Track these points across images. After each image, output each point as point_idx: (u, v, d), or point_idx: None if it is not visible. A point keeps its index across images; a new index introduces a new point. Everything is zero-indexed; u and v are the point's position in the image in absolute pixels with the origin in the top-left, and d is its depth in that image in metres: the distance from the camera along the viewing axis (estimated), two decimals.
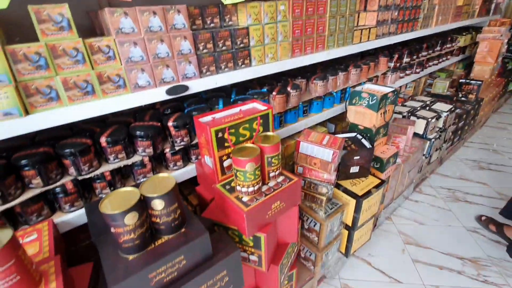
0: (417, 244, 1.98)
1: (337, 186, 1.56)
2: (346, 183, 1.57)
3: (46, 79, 0.86)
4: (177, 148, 1.22)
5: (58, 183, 0.99)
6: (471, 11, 3.25)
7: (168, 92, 1.10)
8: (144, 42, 1.00)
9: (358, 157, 1.51)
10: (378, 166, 1.71)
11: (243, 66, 1.34)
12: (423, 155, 2.39)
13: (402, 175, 2.09)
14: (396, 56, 2.36)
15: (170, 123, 1.17)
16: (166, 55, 1.07)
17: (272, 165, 1.08)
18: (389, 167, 1.76)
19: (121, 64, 0.99)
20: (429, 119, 2.27)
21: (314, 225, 1.45)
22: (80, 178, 1.02)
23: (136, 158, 1.14)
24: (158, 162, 1.28)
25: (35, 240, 0.88)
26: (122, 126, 1.13)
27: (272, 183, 1.10)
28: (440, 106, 2.53)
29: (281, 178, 1.13)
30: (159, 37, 1.03)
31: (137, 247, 0.79)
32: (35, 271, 0.72)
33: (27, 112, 0.85)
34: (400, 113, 2.41)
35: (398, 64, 2.46)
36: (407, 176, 2.21)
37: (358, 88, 1.73)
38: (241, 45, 1.29)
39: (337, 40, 1.74)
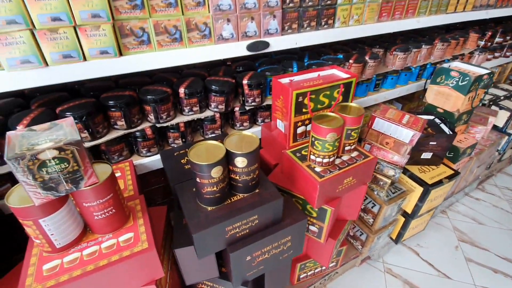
0: (473, 243, 1.85)
1: (403, 170, 1.45)
2: (413, 169, 1.45)
3: (140, 21, 0.84)
4: (247, 108, 1.19)
5: (139, 128, 1.02)
6: None
7: (249, 47, 1.04)
8: None
9: (434, 143, 1.37)
10: (451, 155, 1.55)
11: (325, 26, 1.22)
12: (497, 150, 2.14)
13: (470, 170, 1.89)
14: (489, 33, 2.02)
15: (245, 81, 1.12)
16: (253, 5, 0.99)
17: (350, 138, 1.01)
18: (463, 159, 1.59)
19: (209, 12, 0.93)
20: None
21: (373, 207, 1.39)
22: (158, 125, 1.05)
23: (208, 113, 1.13)
24: (225, 120, 1.27)
25: (120, 178, 0.93)
26: (198, 79, 1.11)
27: (345, 157, 1.04)
28: None
29: (355, 153, 1.06)
30: None
31: (216, 200, 0.80)
32: (126, 207, 0.76)
33: (120, 53, 0.85)
34: (480, 99, 2.13)
35: (488, 44, 2.12)
36: (474, 171, 2.00)
37: (446, 65, 1.52)
38: (328, 2, 1.16)
39: (430, 6, 1.51)
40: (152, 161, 1.08)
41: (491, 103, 2.10)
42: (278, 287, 1.22)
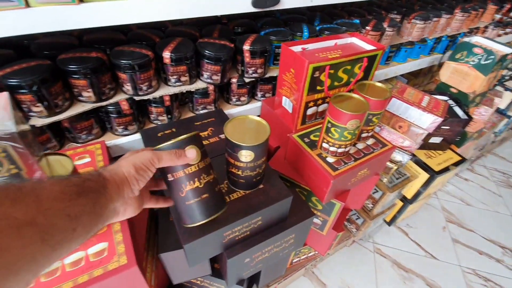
0: (460, 224, 1.87)
1: None
2: (420, 153, 1.35)
3: None
4: (247, 80, 0.99)
5: (111, 100, 0.81)
6: None
7: (255, 2, 0.81)
8: None
9: (447, 127, 1.26)
10: (458, 139, 1.46)
11: None
12: (494, 132, 2.10)
13: (468, 151, 1.84)
14: (508, 6, 1.84)
15: (246, 47, 0.91)
16: None
17: (370, 124, 0.86)
18: (469, 143, 1.51)
19: None
20: None
21: (374, 193, 1.30)
22: (137, 98, 0.84)
23: (199, 85, 0.92)
24: (219, 93, 1.06)
25: (89, 164, 0.74)
26: (188, 40, 0.88)
27: (361, 145, 0.90)
28: None
29: (371, 141, 0.92)
30: None
31: (212, 207, 0.64)
32: None
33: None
34: (497, 81, 2.01)
35: (503, 18, 1.95)
36: (470, 154, 1.96)
37: (468, 39, 1.36)
38: None
39: None
40: (130, 141, 0.89)
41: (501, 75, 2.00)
42: (273, 277, 1.14)
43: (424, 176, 1.29)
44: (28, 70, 0.68)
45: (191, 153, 0.49)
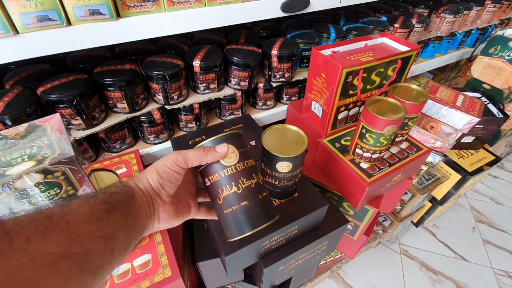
0: (490, 224, 1.80)
1: None
2: (451, 153, 1.30)
3: None
4: (274, 85, 0.98)
5: (144, 110, 0.82)
6: None
7: (285, 7, 0.79)
8: None
9: (480, 126, 1.20)
10: (491, 137, 1.39)
11: None
12: None
13: (500, 148, 1.76)
14: None
15: (274, 51, 0.90)
16: None
17: (405, 128, 0.83)
18: (501, 141, 1.44)
19: None
20: None
21: (404, 194, 1.27)
22: (168, 107, 0.85)
23: (227, 91, 0.92)
24: (246, 97, 1.06)
25: (126, 174, 0.76)
26: (216, 47, 0.88)
27: (394, 149, 0.88)
28: None
29: (405, 145, 0.90)
30: None
31: (258, 217, 0.64)
32: None
33: (118, 14, 0.62)
34: None
35: None
36: (501, 150, 1.88)
37: (500, 32, 1.29)
38: None
39: None
40: (162, 149, 0.90)
41: None
42: (302, 282, 1.14)
43: (456, 177, 1.25)
44: (68, 85, 0.70)
45: (223, 148, 0.42)
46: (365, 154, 0.79)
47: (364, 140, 0.77)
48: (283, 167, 0.61)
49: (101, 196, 0.33)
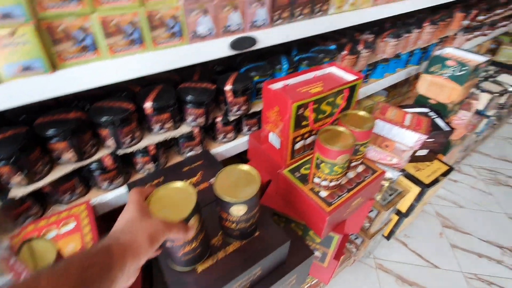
0: (456, 229, 1.88)
1: None
2: (409, 167, 1.37)
3: (79, 18, 0.58)
4: (231, 118, 0.98)
5: (94, 158, 0.79)
6: None
7: (234, 45, 0.82)
8: None
9: (432, 140, 1.28)
10: (442, 148, 1.49)
11: (319, 14, 1.02)
12: (476, 133, 2.16)
13: (453, 156, 1.89)
14: (475, 12, 1.94)
15: (227, 87, 0.91)
16: None
17: (358, 153, 0.86)
18: (452, 150, 1.55)
19: (178, 1, 0.69)
20: (495, 94, 1.97)
21: (370, 212, 1.30)
22: (120, 152, 0.81)
23: (184, 129, 0.91)
24: (205, 131, 1.05)
25: (75, 231, 0.71)
26: (169, 87, 0.88)
27: (351, 174, 0.90)
28: (506, 78, 2.19)
29: (361, 168, 0.93)
30: None
31: (202, 256, 0.62)
32: None
33: (54, 67, 0.59)
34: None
35: (471, 23, 2.06)
36: (456, 157, 2.01)
37: (438, 52, 1.41)
38: None
39: None
40: (118, 196, 0.86)
41: (476, 83, 2.08)
42: None
43: (416, 189, 1.31)
44: (5, 141, 0.65)
45: (195, 227, 0.53)
46: (323, 183, 0.81)
47: (320, 169, 0.78)
48: (238, 210, 0.60)
49: (73, 270, 0.33)
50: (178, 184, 0.57)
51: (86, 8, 0.58)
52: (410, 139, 1.07)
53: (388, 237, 1.62)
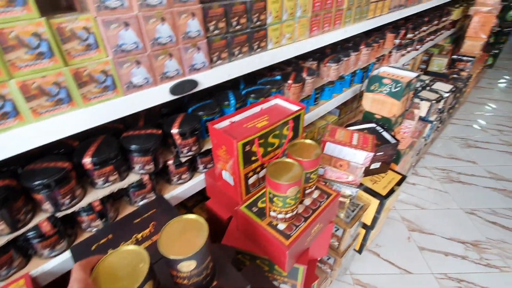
0: (421, 231, 1.97)
1: None
2: (366, 181, 1.43)
3: None
4: (183, 160, 0.97)
5: (30, 225, 0.72)
6: None
7: (173, 90, 0.82)
8: (139, 22, 0.70)
9: (381, 153, 1.36)
10: (394, 158, 1.58)
11: (258, 50, 1.07)
12: (423, 137, 2.34)
13: (407, 162, 2.01)
14: (403, 31, 2.17)
15: (174, 130, 0.90)
16: (169, 40, 0.77)
17: (310, 181, 0.88)
18: (404, 157, 1.65)
19: (107, 56, 0.68)
20: (433, 101, 2.17)
21: (336, 231, 1.32)
22: (59, 215, 0.75)
23: (132, 178, 0.87)
24: (158, 175, 1.02)
25: None
26: (110, 137, 0.84)
27: (308, 201, 0.92)
28: (441, 86, 2.44)
29: (316, 194, 0.95)
30: (159, 15, 0.72)
31: None
32: None
33: None
34: (410, 101, 2.28)
35: (402, 41, 2.29)
36: (409, 162, 2.15)
37: (376, 72, 1.54)
38: (258, 23, 1.01)
39: (354, 14, 1.50)
40: (62, 262, 0.78)
41: (413, 95, 2.27)
42: None
43: (375, 202, 1.36)
44: None
45: None
46: (279, 216, 0.81)
47: (274, 203, 0.79)
48: (188, 266, 0.57)
49: None
50: (128, 248, 0.53)
51: (3, 75, 0.55)
52: (359, 157, 1.12)
53: (359, 251, 1.64)
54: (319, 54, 1.64)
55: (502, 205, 2.17)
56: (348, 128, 1.51)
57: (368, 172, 1.44)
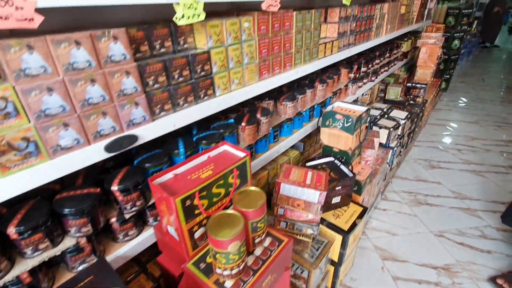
0: (394, 258, 1.96)
1: (320, 220, 1.41)
2: (328, 216, 1.43)
3: None
4: (127, 216, 0.92)
5: None
6: (411, 18, 3.44)
7: (109, 148, 0.80)
8: (65, 85, 0.69)
9: (339, 187, 1.38)
10: (356, 189, 1.61)
11: (206, 98, 1.08)
12: (387, 163, 2.42)
13: (373, 190, 2.05)
14: (356, 66, 2.32)
15: (114, 187, 0.86)
16: (101, 99, 0.76)
17: (258, 230, 0.86)
18: (366, 187, 1.68)
19: (30, 122, 0.66)
20: (391, 129, 2.28)
21: (302, 272, 1.28)
22: None
23: (68, 243, 0.81)
24: (102, 233, 0.96)
25: None
26: (42, 201, 0.79)
27: (258, 251, 0.89)
28: (397, 113, 2.58)
29: (268, 241, 0.92)
30: (88, 77, 0.72)
31: None
32: None
33: None
34: (364, 133, 2.39)
35: (357, 75, 2.44)
36: (376, 188, 2.19)
37: (329, 107, 1.61)
38: (202, 74, 1.04)
39: (303, 56, 1.59)
40: None
41: (371, 124, 2.38)
42: None
43: (339, 238, 1.35)
44: None
45: None
46: (225, 273, 0.77)
47: (217, 260, 0.75)
48: None
49: None
50: None
51: None
52: (313, 197, 1.12)
53: None
54: (276, 93, 1.70)
55: (468, 224, 2.23)
56: (308, 163, 1.53)
57: (329, 206, 1.44)
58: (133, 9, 1.09)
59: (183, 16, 0.86)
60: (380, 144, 2.37)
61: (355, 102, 2.99)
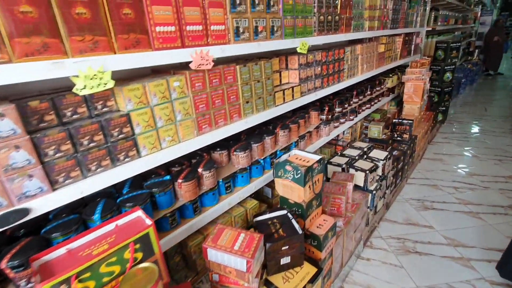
0: None
1: (267, 283, 1.28)
2: (277, 279, 1.30)
3: None
4: None
5: None
6: (394, 54, 3.45)
7: None
8: None
9: (287, 247, 1.27)
10: (316, 243, 1.48)
11: (127, 160, 1.06)
12: (368, 207, 2.27)
13: (347, 240, 1.90)
14: (327, 108, 2.29)
15: (3, 265, 0.81)
16: None
17: None
18: (329, 242, 1.55)
19: None
20: (367, 172, 2.17)
21: None
22: None
23: None
24: None
25: None
26: None
27: None
28: (377, 153, 2.48)
29: None
30: None
31: None
32: None
33: None
34: (339, 165, 2.30)
35: (330, 116, 2.40)
36: (353, 238, 2.03)
37: (285, 157, 1.55)
38: (121, 136, 1.02)
39: (255, 106, 1.57)
40: None
41: (348, 166, 2.28)
42: None
43: None
44: None
45: None
46: None
47: None
48: None
49: None
50: None
51: None
52: (241, 265, 1.03)
53: None
54: (233, 142, 1.66)
55: (459, 277, 1.99)
56: (257, 218, 1.44)
57: (279, 268, 1.32)
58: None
59: (85, 87, 0.87)
60: (358, 187, 2.25)
61: (336, 141, 2.93)
